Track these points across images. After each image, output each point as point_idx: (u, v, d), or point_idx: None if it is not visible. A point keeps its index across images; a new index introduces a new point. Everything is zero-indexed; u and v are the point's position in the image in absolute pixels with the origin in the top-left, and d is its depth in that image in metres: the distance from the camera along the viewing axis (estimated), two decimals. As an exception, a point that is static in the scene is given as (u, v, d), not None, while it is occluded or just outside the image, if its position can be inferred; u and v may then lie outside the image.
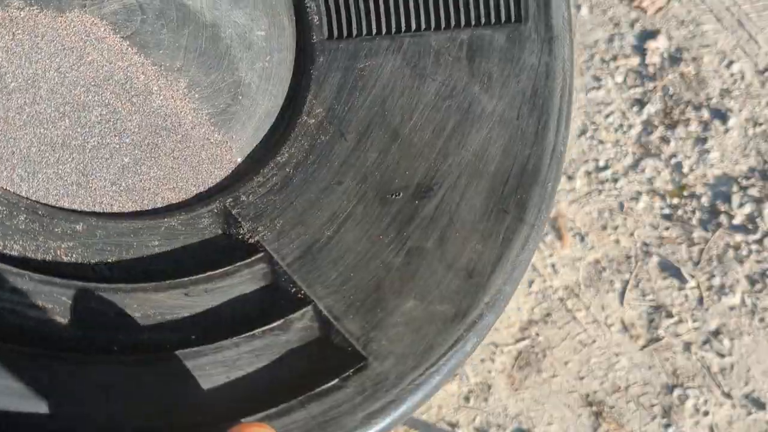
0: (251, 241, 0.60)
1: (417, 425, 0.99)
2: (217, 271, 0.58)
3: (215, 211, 0.60)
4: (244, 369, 0.55)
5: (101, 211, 0.59)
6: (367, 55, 0.66)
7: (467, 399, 1.01)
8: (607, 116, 1.15)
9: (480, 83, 0.66)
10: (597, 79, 1.17)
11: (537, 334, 1.04)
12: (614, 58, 1.18)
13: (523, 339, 1.04)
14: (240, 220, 0.60)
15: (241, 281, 0.58)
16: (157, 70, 0.62)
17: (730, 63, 1.18)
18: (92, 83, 0.60)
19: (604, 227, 1.10)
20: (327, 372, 0.56)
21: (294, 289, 0.58)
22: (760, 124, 1.15)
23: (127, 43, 0.61)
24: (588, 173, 1.12)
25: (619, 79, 1.17)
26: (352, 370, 0.55)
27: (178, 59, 0.63)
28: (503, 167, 0.64)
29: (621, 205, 1.11)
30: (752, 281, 1.08)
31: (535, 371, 1.02)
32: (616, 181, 1.12)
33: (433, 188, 0.63)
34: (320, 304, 0.58)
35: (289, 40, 0.67)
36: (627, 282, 1.08)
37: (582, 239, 1.09)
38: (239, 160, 0.63)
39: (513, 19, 0.67)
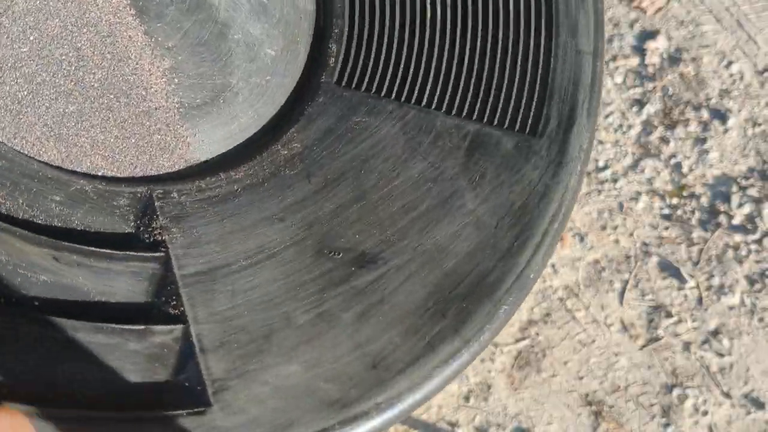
0: (158, 238, 0.54)
1: (417, 425, 0.99)
2: (101, 250, 0.52)
3: (138, 195, 0.55)
4: (67, 357, 0.48)
5: (19, 148, 0.54)
6: (368, 111, 0.62)
7: (467, 398, 1.01)
8: (607, 116, 1.15)
9: (470, 179, 0.61)
10: (596, 79, 1.17)
11: (537, 334, 1.04)
12: (614, 58, 1.18)
13: (523, 339, 1.04)
14: (158, 213, 0.55)
15: (123, 271, 0.52)
16: (147, 39, 0.58)
17: (730, 63, 1.18)
18: (72, 23, 0.56)
19: (604, 227, 1.10)
20: (159, 401, 0.48)
21: (174, 302, 0.52)
22: (760, 125, 1.16)
23: (128, 1, 0.58)
24: (588, 173, 1.12)
25: (619, 79, 1.17)
26: (187, 411, 0.48)
27: (173, 39, 0.59)
28: (460, 269, 0.57)
29: (620, 205, 1.11)
30: (751, 281, 1.08)
31: (534, 371, 1.03)
32: (615, 181, 1.12)
33: (378, 262, 0.57)
34: (194, 329, 0.51)
35: (296, 69, 0.64)
36: (626, 282, 1.08)
37: (581, 239, 1.09)
38: (192, 160, 0.59)
39: (528, 129, 0.63)
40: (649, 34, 1.19)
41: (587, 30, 0.65)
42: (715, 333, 1.06)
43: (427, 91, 0.63)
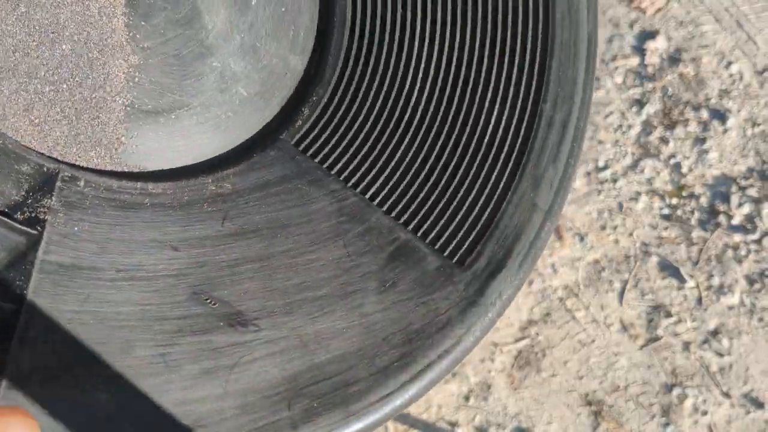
0: (41, 216, 0.52)
1: (417, 424, 1.00)
2: None
3: (45, 169, 0.53)
4: None
5: None
6: (312, 182, 0.60)
7: (467, 398, 1.01)
8: (607, 116, 1.15)
9: (380, 283, 0.58)
10: (596, 79, 1.17)
11: (537, 334, 1.04)
12: (614, 58, 1.18)
13: (523, 339, 1.04)
14: (54, 193, 0.53)
15: None
16: (124, 31, 0.57)
17: (729, 64, 1.18)
18: None
19: (604, 227, 1.10)
20: None
21: (20, 283, 0.50)
22: (759, 125, 1.16)
23: (127, 4, 0.57)
24: (587, 173, 1.12)
25: (619, 79, 1.17)
26: None
27: (152, 41, 0.58)
28: (328, 368, 0.54)
29: (620, 205, 1.11)
30: (751, 281, 1.08)
31: (534, 371, 1.03)
32: (615, 181, 1.12)
33: (249, 327, 0.54)
34: (24, 316, 0.48)
35: (261, 118, 0.63)
36: (626, 282, 1.08)
37: (581, 239, 1.09)
38: (118, 160, 0.57)
39: (456, 258, 0.60)
40: (649, 35, 1.19)
41: (550, 188, 0.64)
42: (715, 333, 1.06)
43: (376, 185, 0.62)
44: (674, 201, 1.12)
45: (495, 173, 0.63)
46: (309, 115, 0.63)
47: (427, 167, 0.63)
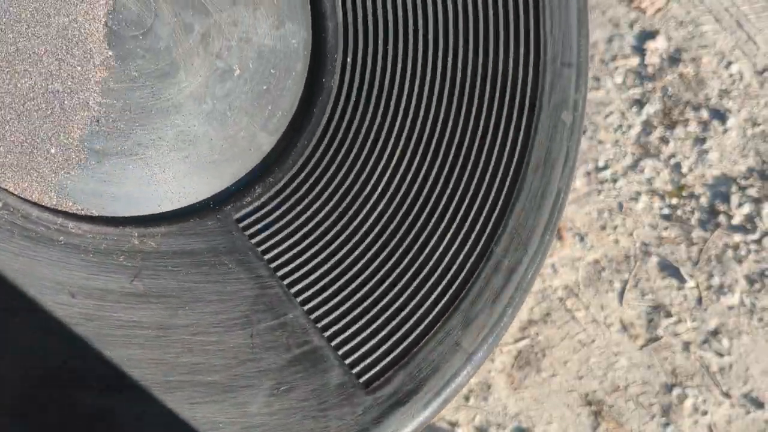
0: None
1: (417, 424, 1.00)
2: None
3: None
4: None
5: None
6: (240, 261, 0.57)
7: (467, 398, 1.01)
8: (607, 116, 1.15)
9: (276, 384, 0.53)
10: (596, 79, 1.17)
11: (537, 334, 1.04)
12: (613, 58, 1.18)
13: (523, 339, 1.04)
14: None
15: None
16: (95, 70, 0.55)
17: (729, 64, 1.18)
18: (42, 17, 0.53)
19: (604, 227, 1.10)
20: None
21: None
22: (759, 125, 1.16)
23: (104, 32, 0.55)
24: (587, 173, 1.12)
25: (619, 79, 1.17)
26: None
27: (120, 84, 0.56)
28: None
29: (620, 205, 1.11)
30: (751, 281, 1.08)
31: (534, 371, 1.03)
32: (615, 181, 1.12)
33: (114, 397, 0.48)
34: None
35: (211, 184, 0.60)
36: (626, 282, 1.08)
37: (581, 239, 1.09)
38: (47, 193, 0.54)
39: (363, 379, 0.56)
40: (649, 35, 1.19)
41: (480, 331, 0.61)
42: (715, 333, 1.06)
43: (304, 282, 0.58)
44: (674, 201, 1.12)
45: (427, 303, 0.60)
46: (260, 195, 0.60)
47: (360, 279, 0.60)
